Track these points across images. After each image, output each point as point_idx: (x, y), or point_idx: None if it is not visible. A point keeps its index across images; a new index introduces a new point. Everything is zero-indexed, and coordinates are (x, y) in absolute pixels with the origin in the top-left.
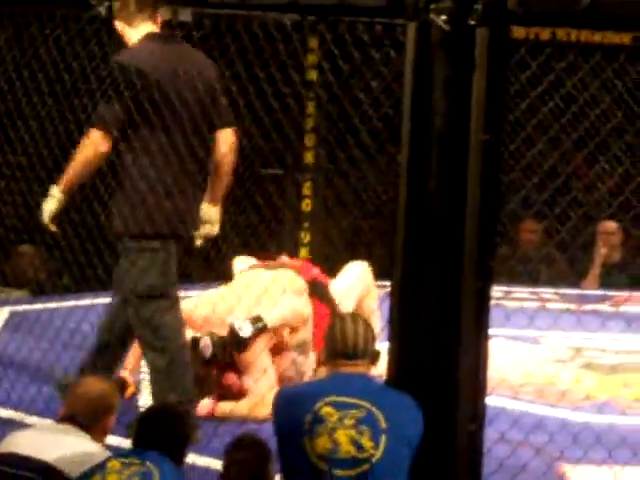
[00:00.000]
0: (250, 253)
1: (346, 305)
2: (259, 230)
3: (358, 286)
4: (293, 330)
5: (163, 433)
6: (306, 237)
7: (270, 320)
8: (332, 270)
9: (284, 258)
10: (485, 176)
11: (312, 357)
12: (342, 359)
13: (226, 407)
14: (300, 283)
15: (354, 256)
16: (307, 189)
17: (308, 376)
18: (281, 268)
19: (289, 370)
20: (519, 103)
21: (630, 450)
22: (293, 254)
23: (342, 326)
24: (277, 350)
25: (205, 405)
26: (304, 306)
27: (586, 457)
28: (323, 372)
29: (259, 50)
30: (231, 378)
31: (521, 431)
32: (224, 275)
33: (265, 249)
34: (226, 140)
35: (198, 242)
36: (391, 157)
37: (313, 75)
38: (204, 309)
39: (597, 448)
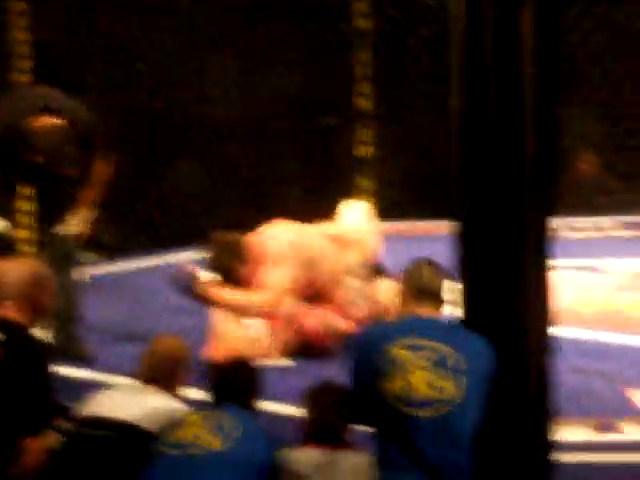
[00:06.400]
0: (312, 205)
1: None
2: (319, 181)
3: (368, 223)
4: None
5: (239, 386)
6: (366, 183)
7: None
8: (396, 213)
9: None
10: (540, 110)
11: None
12: (419, 298)
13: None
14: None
15: (415, 198)
16: (366, 136)
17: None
18: None
19: (348, 295)
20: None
21: None
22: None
23: (420, 268)
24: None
25: None
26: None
27: None
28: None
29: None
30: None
31: (589, 359)
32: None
33: (327, 199)
34: None
35: None
36: (445, 99)
37: (368, 23)
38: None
39: None
